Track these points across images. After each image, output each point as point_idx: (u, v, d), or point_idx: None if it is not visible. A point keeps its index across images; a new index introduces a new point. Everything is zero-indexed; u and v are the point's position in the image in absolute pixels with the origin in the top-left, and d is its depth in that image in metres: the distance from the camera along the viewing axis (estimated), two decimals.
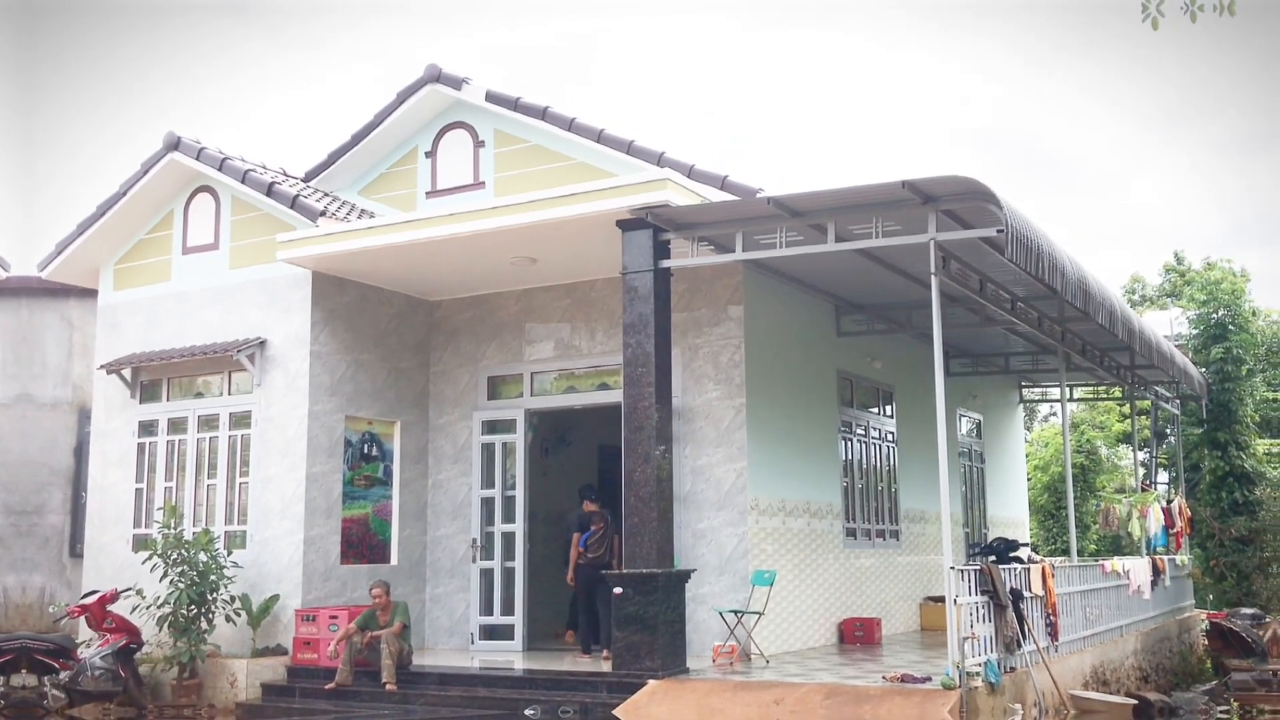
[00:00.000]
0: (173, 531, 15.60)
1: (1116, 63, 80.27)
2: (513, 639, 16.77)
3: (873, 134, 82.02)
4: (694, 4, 78.00)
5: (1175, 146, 76.83)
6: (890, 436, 19.89)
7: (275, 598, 15.85)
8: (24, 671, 14.81)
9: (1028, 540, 25.75)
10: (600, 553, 16.05)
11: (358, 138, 18.11)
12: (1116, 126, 78.48)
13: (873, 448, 19.35)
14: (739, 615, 14.78)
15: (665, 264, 13.94)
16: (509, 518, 17.11)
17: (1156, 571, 19.18)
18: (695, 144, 74.79)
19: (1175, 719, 14.68)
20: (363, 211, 17.57)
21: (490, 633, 17.00)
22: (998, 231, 12.12)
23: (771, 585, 15.16)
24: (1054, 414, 38.88)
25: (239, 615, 15.70)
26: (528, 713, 13.42)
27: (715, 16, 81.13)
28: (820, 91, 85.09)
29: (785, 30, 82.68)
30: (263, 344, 16.64)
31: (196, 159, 17.19)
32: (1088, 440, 32.28)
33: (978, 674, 11.79)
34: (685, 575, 14.10)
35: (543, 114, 16.79)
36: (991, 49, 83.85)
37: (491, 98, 17.21)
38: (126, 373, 17.69)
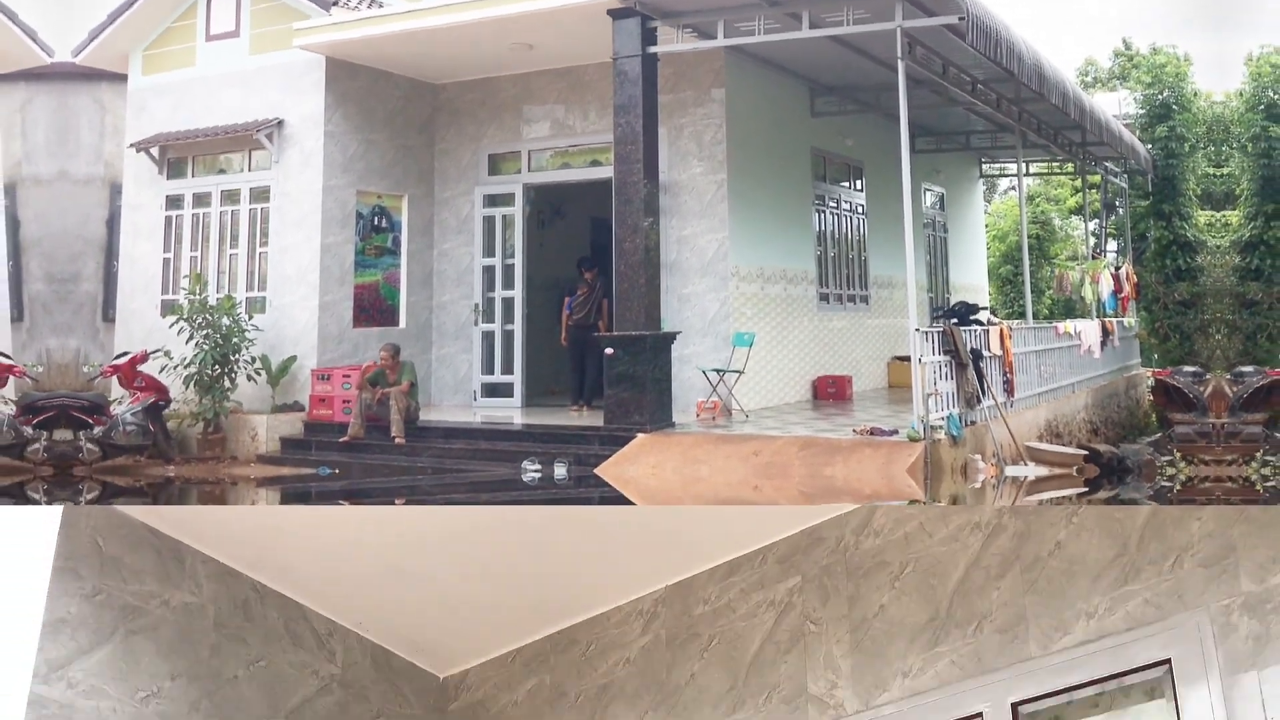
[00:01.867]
0: (198, 298, 15.57)
1: None
2: (512, 396, 16.94)
3: None
4: None
5: None
6: (860, 209, 19.75)
7: (293, 359, 15.92)
8: (63, 427, 14.92)
9: (987, 304, 25.79)
10: (584, 314, 16.30)
11: None
12: None
13: (844, 219, 19.23)
14: (721, 374, 14.86)
15: (652, 50, 13.66)
16: (508, 284, 17.11)
17: (1106, 333, 19.30)
18: None
19: (1123, 469, 14.90)
20: (373, 1, 17.18)
21: (491, 390, 17.15)
22: (959, 19, 12.21)
23: (751, 346, 15.22)
24: (1012, 188, 38.56)
25: (259, 375, 15.76)
26: (526, 464, 13.59)
27: None
28: None
29: None
30: (280, 124, 16.39)
31: None
32: (1042, 212, 32.14)
33: (940, 427, 11.96)
34: (671, 337, 14.16)
35: None
36: None
37: None
38: (155, 151, 17.44)
